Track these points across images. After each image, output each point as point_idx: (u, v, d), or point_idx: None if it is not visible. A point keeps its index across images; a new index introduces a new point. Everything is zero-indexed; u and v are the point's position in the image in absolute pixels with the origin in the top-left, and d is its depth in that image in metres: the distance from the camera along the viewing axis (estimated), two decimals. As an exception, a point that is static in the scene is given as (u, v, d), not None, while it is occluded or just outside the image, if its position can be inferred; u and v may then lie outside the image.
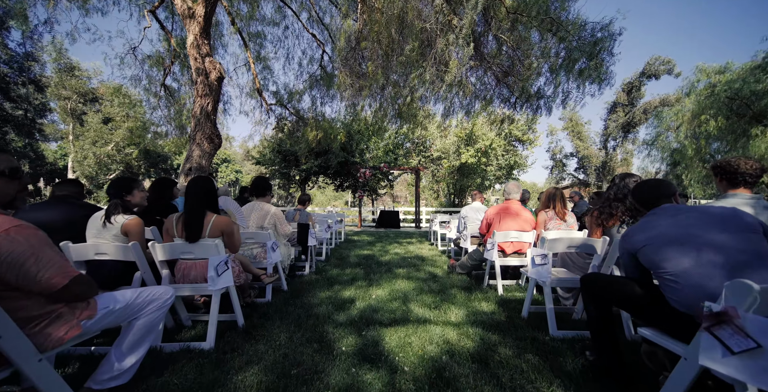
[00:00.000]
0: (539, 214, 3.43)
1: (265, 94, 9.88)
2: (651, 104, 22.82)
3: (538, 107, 6.11)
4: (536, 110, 6.15)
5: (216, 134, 6.91)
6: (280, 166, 16.48)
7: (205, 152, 6.69)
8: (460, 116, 6.64)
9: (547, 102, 6.00)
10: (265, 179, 3.35)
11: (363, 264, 4.97)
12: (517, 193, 3.48)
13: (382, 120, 8.15)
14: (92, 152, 14.71)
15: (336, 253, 6.04)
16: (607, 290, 1.66)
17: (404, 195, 41.79)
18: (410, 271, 4.52)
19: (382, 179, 16.17)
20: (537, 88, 5.88)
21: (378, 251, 6.39)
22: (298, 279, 3.91)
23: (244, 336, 2.21)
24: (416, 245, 7.21)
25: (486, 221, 3.58)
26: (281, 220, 3.22)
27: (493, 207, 3.56)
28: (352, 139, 15.17)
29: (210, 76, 6.52)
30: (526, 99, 5.94)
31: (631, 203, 2.20)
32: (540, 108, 6.12)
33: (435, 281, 3.93)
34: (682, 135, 13.99)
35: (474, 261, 3.92)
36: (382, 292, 3.42)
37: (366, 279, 3.99)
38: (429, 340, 2.21)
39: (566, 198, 3.40)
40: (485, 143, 13.98)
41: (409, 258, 5.53)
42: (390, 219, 12.53)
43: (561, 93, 5.75)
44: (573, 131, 27.62)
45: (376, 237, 8.88)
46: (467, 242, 4.43)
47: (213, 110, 6.69)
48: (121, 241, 2.00)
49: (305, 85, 10.07)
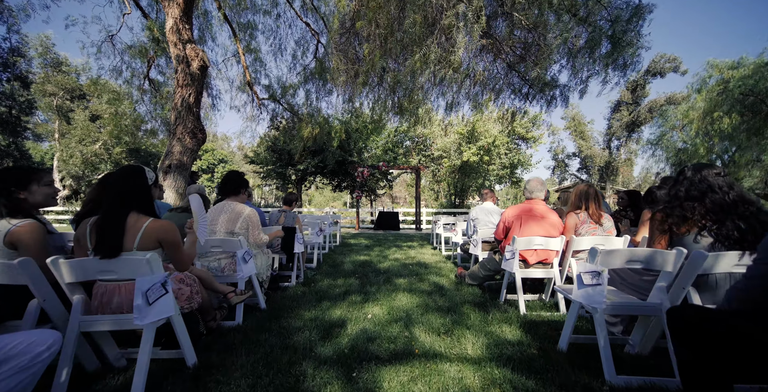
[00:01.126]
0: (568, 216, 2.86)
1: (256, 88, 9.32)
2: (657, 102, 22.32)
3: (553, 97, 5.55)
4: (550, 101, 5.59)
5: (199, 128, 6.33)
6: (276, 165, 15.92)
7: (186, 148, 6.11)
8: (466, 109, 6.09)
9: (564, 91, 5.44)
10: (238, 173, 2.77)
11: (358, 273, 4.39)
12: (541, 191, 2.91)
13: (380, 115, 7.59)
14: (78, 150, 14.08)
15: (329, 259, 5.46)
16: (723, 336, 1.09)
17: (403, 196, 41.23)
18: (412, 281, 3.95)
19: (381, 178, 15.60)
20: (552, 76, 5.33)
21: (376, 256, 5.81)
22: (280, 293, 3.33)
23: (190, 384, 1.63)
24: (417, 250, 6.63)
25: (503, 225, 3.00)
26: (255, 224, 2.64)
27: (513, 208, 2.98)
28: (350, 137, 14.61)
29: (192, 64, 5.94)
30: (541, 88, 5.38)
31: (716, 202, 1.63)
32: (555, 99, 5.56)
33: (442, 295, 3.35)
34: (693, 133, 13.46)
35: (487, 272, 3.35)
36: (380, 310, 2.84)
37: (361, 292, 3.41)
38: (443, 388, 1.63)
39: (602, 197, 2.82)
40: (488, 141, 13.43)
41: (411, 265, 4.95)
42: (389, 221, 11.95)
43: (580, 81, 5.19)
44: (576, 130, 27.13)
45: (374, 240, 8.30)
46: (478, 248, 3.86)
47: (196, 101, 6.12)
48: (5, 256, 1.42)
49: (300, 78, 9.50)
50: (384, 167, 11.88)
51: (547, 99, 5.61)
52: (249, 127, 9.88)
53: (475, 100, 5.76)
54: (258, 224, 2.68)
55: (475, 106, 5.82)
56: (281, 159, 15.42)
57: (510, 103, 5.98)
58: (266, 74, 9.23)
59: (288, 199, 3.90)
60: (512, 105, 6.02)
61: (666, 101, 21.65)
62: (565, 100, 5.55)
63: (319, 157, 14.50)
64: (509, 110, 6.08)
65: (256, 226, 2.67)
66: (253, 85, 8.98)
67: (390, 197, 39.48)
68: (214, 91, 9.18)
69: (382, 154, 14.97)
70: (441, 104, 6.01)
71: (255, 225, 2.66)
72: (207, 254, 2.52)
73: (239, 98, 9.57)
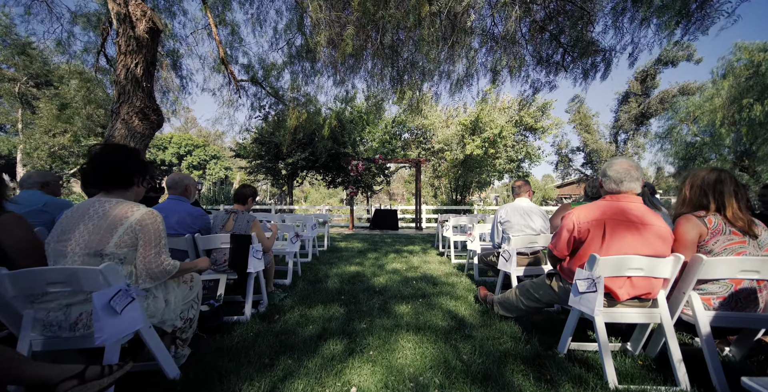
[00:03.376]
0: (681, 222, 1.73)
1: (233, 68, 8.08)
2: (669, 92, 21.22)
3: (593, 65, 4.40)
4: (588, 71, 4.44)
5: (152, 109, 5.11)
6: (264, 159, 14.68)
7: (134, 132, 4.90)
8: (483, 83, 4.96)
9: (607, 57, 4.27)
10: (126, 148, 1.60)
11: (345, 294, 3.26)
12: (636, 180, 1.76)
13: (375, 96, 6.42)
14: (44, 142, 12.71)
15: (311, 271, 4.32)
16: None
17: (401, 192, 40.09)
18: (419, 310, 2.82)
19: (377, 173, 14.43)
20: (591, 38, 4.16)
21: (370, 266, 4.67)
22: (216, 340, 2.19)
23: None
24: (420, 256, 5.51)
25: (570, 234, 1.86)
26: (150, 241, 1.49)
27: (587, 209, 1.84)
28: (344, 128, 13.41)
29: (137, 26, 4.73)
30: (582, 51, 4.20)
31: None
32: (596, 66, 4.40)
33: (466, 338, 2.23)
34: (718, 122, 12.36)
35: (534, 303, 2.23)
36: (371, 380, 1.71)
37: (344, 335, 2.28)
38: None
39: (745, 190, 1.68)
40: (493, 132, 12.26)
41: (415, 280, 3.83)
42: (386, 220, 10.82)
43: (630, 44, 4.02)
44: (581, 123, 26.04)
45: (369, 243, 7.17)
46: (511, 263, 2.73)
47: (145, 74, 4.91)
48: None
49: (284, 58, 8.24)
50: (381, 160, 10.73)
51: (584, 68, 4.46)
52: (226, 113, 8.65)
53: (495, 68, 4.56)
54: (157, 241, 1.52)
55: (495, 77, 4.62)
56: (269, 152, 14.19)
57: (535, 75, 4.83)
58: (245, 52, 8.01)
59: (241, 194, 2.72)
60: (537, 79, 4.87)
61: (679, 91, 20.56)
62: (606, 66, 4.37)
63: (309, 149, 13.30)
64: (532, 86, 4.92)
65: (154, 243, 1.51)
66: (229, 64, 7.75)
67: (387, 194, 38.36)
68: (185, 71, 7.93)
69: (379, 146, 13.77)
70: (442, 90, 4.86)
71: (150, 242, 1.50)
72: (43, 297, 1.36)
73: (214, 80, 8.38)
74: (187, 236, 2.46)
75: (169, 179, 2.58)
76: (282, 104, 9.51)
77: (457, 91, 5.01)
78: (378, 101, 6.04)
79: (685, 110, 18.10)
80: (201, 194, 14.39)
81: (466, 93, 5.94)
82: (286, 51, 7.81)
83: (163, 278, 1.60)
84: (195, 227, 2.56)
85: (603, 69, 4.40)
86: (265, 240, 2.75)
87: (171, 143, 36.72)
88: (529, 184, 3.05)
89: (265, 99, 9.46)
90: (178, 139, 37.53)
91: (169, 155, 36.17)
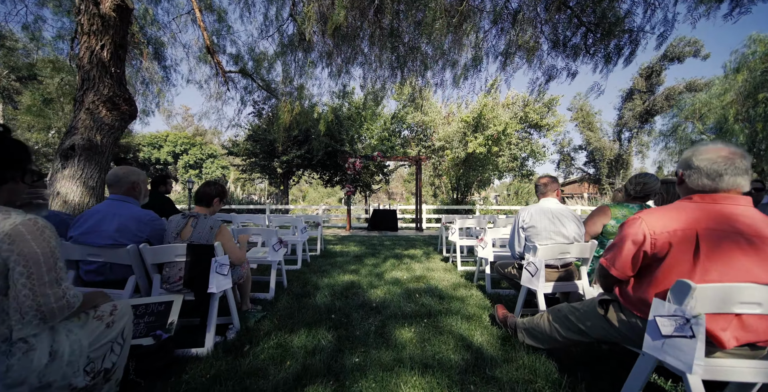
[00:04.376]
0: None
1: (221, 58, 7.53)
2: (675, 89, 20.71)
3: (618, 47, 3.86)
4: (611, 55, 3.90)
5: (123, 97, 4.54)
6: (258, 157, 14.11)
7: (101, 123, 4.34)
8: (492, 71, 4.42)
9: (635, 37, 3.73)
10: None
11: (336, 312, 2.73)
12: (743, 174, 1.23)
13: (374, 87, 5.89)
14: (26, 139, 12.13)
15: (299, 281, 3.79)
16: None
17: (400, 192, 39.56)
18: (424, 335, 2.29)
19: (376, 172, 13.89)
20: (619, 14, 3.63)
21: (366, 275, 4.15)
22: (158, 389, 1.66)
23: None
24: (423, 262, 4.98)
25: (636, 247, 1.33)
26: (36, 263, 0.97)
27: (660, 212, 1.31)
28: (341, 125, 12.87)
29: (102, 2, 4.18)
30: (603, 33, 3.67)
31: None
32: (620, 49, 3.87)
33: (488, 384, 1.70)
34: (731, 119, 11.85)
35: (576, 335, 1.70)
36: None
37: (329, 375, 1.75)
38: None
39: None
40: (497, 129, 11.73)
41: (418, 293, 3.30)
42: (385, 220, 10.29)
43: (662, 22, 3.50)
44: (583, 121, 25.55)
45: (367, 246, 6.64)
46: (538, 278, 2.21)
47: (114, 58, 4.36)
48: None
49: (276, 48, 7.68)
50: (379, 158, 10.19)
51: (607, 52, 3.92)
52: (214, 107, 8.09)
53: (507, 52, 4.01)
54: (50, 264, 1.00)
55: (506, 60, 4.07)
56: (264, 150, 13.63)
57: (550, 61, 4.30)
58: (233, 40, 7.44)
59: (203, 194, 2.16)
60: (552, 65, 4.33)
61: (686, 87, 20.06)
62: (633, 47, 3.82)
63: (305, 147, 12.75)
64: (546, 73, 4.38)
65: (45, 267, 0.99)
66: (216, 53, 7.19)
67: (386, 193, 37.85)
68: (169, 61, 7.38)
69: (377, 143, 13.23)
70: (455, 63, 4.31)
71: (39, 265, 0.98)
72: None
73: (200, 71, 7.79)
74: (130, 247, 1.92)
75: (109, 174, 2.04)
76: (275, 98, 8.97)
77: (463, 79, 4.48)
78: (376, 90, 5.50)
79: (690, 107, 17.69)
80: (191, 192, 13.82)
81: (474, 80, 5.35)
82: (278, 39, 7.27)
83: (61, 315, 1.07)
84: (142, 235, 2.03)
85: (628, 52, 3.87)
86: (235, 251, 2.22)
87: (167, 141, 36.09)
88: (557, 181, 2.51)
89: (257, 93, 8.92)
90: (173, 137, 36.92)
91: (164, 153, 35.54)
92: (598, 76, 10.21)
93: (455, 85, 5.09)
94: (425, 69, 4.44)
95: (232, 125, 8.86)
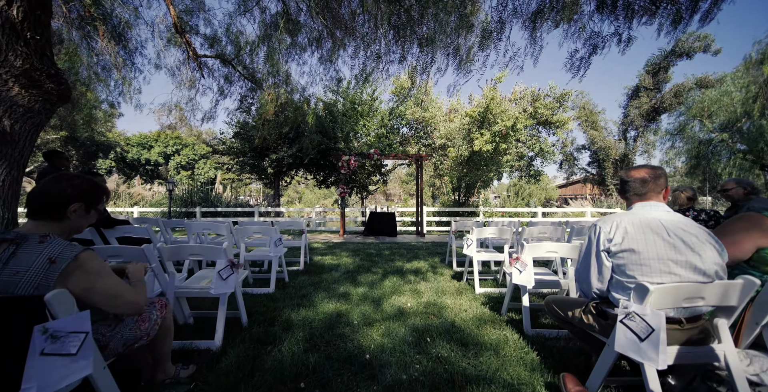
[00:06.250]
0: None
1: (194, 40, 6.55)
2: (684, 86, 19.88)
3: (693, 1, 2.92)
4: (681, 11, 2.97)
5: (48, 73, 3.43)
6: (247, 156, 13.08)
7: (14, 105, 3.25)
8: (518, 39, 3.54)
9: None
10: None
11: (310, 378, 1.75)
12: None
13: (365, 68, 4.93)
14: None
15: (267, 313, 2.81)
16: None
17: (397, 193, 38.54)
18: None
19: (372, 171, 12.92)
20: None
21: (359, 301, 3.17)
22: None
23: None
24: (430, 280, 4.01)
25: None
26: None
27: None
28: (335, 121, 11.89)
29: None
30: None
31: None
32: (696, 3, 2.93)
33: None
34: (756, 114, 11.02)
35: None
36: None
37: None
38: None
39: None
40: (506, 124, 10.79)
41: (429, 335, 2.33)
42: (383, 224, 9.32)
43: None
44: (587, 120, 24.71)
45: (362, 257, 5.66)
46: (653, 346, 1.24)
47: (29, 19, 3.34)
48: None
49: (259, 31, 6.70)
50: (377, 156, 9.23)
51: (672, 12, 2.97)
52: (185, 96, 7.08)
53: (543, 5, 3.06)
54: None
55: (535, 22, 3.12)
56: (253, 148, 12.60)
57: (595, 26, 3.33)
58: (207, 19, 6.45)
59: (45, 197, 1.18)
60: (595, 32, 3.37)
61: (696, 84, 19.24)
62: (712, 6, 2.89)
63: (297, 145, 11.75)
64: (588, 42, 3.42)
65: None
66: (186, 32, 6.21)
67: (384, 194, 36.84)
68: (133, 42, 6.37)
69: (374, 141, 12.26)
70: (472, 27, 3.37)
71: None
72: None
73: (170, 55, 6.78)
74: None
75: None
76: (260, 90, 7.99)
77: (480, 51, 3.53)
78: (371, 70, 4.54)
79: (699, 104, 16.98)
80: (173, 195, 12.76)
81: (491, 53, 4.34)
82: (259, 17, 6.29)
83: None
84: None
85: (706, 6, 2.91)
86: (124, 294, 1.24)
87: (157, 141, 34.93)
88: (665, 175, 1.53)
89: (239, 83, 7.93)
90: (164, 138, 35.76)
91: (155, 154, 34.35)
92: (663, 40, 8.70)
93: (465, 63, 4.12)
94: (431, 44, 3.45)
95: (207, 117, 7.79)
